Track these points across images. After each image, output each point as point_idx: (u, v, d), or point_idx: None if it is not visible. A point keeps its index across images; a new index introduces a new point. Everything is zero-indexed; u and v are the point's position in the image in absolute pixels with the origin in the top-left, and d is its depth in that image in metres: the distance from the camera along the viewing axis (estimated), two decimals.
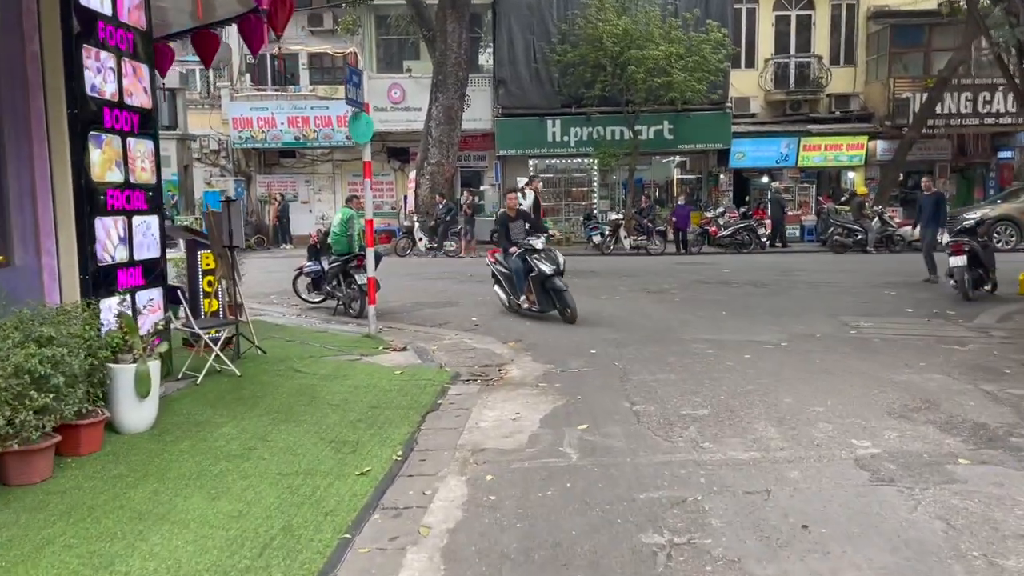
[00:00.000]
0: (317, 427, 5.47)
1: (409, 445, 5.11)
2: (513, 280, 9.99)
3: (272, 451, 4.97)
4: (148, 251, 6.03)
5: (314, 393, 6.37)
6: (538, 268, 9.49)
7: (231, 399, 6.18)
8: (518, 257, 9.77)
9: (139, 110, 5.94)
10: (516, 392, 6.43)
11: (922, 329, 8.96)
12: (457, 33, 20.79)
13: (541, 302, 9.70)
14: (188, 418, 5.67)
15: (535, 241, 9.75)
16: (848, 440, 4.84)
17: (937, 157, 24.65)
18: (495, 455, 4.88)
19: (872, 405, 5.64)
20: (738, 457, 4.61)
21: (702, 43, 21.13)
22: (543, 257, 9.55)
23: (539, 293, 9.65)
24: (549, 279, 9.49)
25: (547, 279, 9.51)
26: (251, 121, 23.77)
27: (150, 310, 5.99)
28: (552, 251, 9.80)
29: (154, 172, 6.11)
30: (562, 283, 9.47)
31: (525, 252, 9.71)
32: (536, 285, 9.63)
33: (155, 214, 6.12)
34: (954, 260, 11.12)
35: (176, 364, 6.87)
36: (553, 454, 4.84)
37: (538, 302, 9.71)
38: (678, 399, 5.95)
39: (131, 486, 4.37)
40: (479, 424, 5.57)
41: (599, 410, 5.76)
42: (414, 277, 15.58)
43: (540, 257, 9.56)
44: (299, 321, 10.45)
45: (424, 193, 21.57)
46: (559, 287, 9.44)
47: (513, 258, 9.88)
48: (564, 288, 9.44)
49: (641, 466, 4.53)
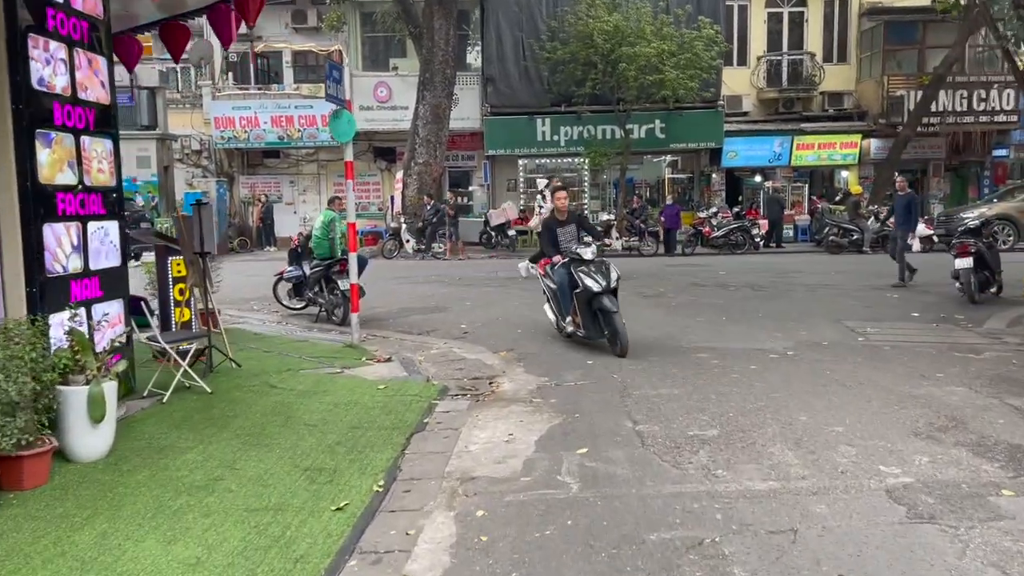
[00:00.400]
0: (291, 452, 4.99)
1: (392, 473, 4.65)
2: (557, 296, 8.34)
3: (240, 481, 4.49)
4: (107, 260, 5.53)
5: (290, 412, 5.89)
6: (582, 283, 7.73)
7: (199, 419, 5.68)
8: (562, 268, 8.09)
9: (95, 105, 5.44)
10: (509, 409, 5.97)
11: (932, 335, 8.56)
12: (444, 30, 20.33)
13: (587, 326, 7.90)
14: (150, 443, 5.17)
15: (583, 250, 7.95)
16: (875, 466, 4.41)
17: (931, 156, 24.37)
18: (487, 485, 4.42)
19: (895, 424, 5.22)
20: (756, 488, 4.16)
21: (694, 40, 20.75)
22: (592, 270, 7.79)
23: (585, 314, 7.87)
24: (596, 298, 7.68)
25: (594, 297, 7.70)
26: (233, 120, 23.21)
27: (109, 324, 5.49)
28: (605, 264, 7.94)
29: (113, 173, 5.61)
30: (612, 304, 7.65)
31: (571, 263, 8.02)
32: (582, 304, 7.86)
33: (114, 219, 5.61)
34: (960, 262, 10.75)
35: (143, 379, 6.37)
36: (551, 484, 4.38)
37: (584, 326, 7.94)
38: (684, 417, 5.51)
39: (77, 527, 3.88)
40: (469, 447, 5.11)
41: (599, 430, 5.30)
42: (401, 281, 15.10)
43: (588, 270, 7.80)
44: (279, 329, 9.96)
45: (411, 194, 21.09)
46: (607, 308, 7.63)
47: (557, 269, 8.18)
48: (614, 310, 7.62)
49: (649, 499, 4.08)
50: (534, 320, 10.01)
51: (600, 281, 7.66)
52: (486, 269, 17.26)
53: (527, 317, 10.30)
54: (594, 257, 7.91)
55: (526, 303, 11.60)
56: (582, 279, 7.74)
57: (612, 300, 7.66)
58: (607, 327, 7.69)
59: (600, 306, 7.68)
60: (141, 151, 21.37)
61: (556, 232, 8.39)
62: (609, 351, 7.69)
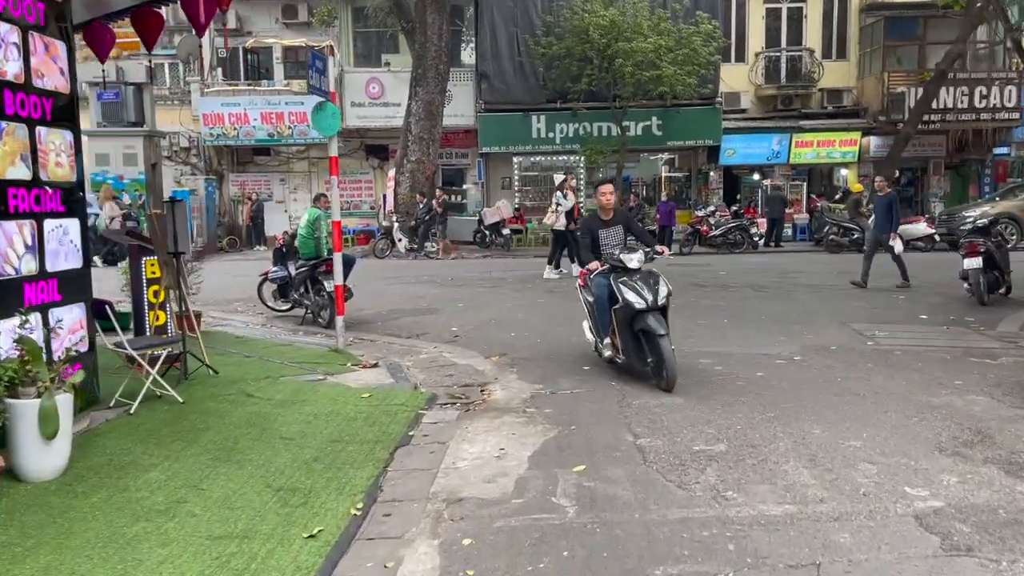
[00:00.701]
0: (264, 469, 4.60)
1: (372, 494, 4.26)
2: (595, 311, 6.90)
3: (205, 504, 4.09)
4: (66, 261, 5.12)
5: (266, 424, 5.49)
6: (623, 298, 6.30)
7: (167, 433, 5.28)
8: (601, 278, 6.65)
9: (53, 95, 5.04)
10: (500, 420, 5.59)
11: (943, 339, 8.20)
12: (437, 25, 19.92)
13: (628, 350, 6.48)
14: (111, 459, 4.77)
15: (627, 257, 6.51)
16: (900, 487, 4.03)
17: (931, 154, 24.03)
18: (475, 508, 4.04)
19: (916, 438, 4.84)
20: (770, 512, 3.78)
21: (692, 35, 20.36)
22: (636, 282, 6.34)
23: (625, 336, 6.45)
24: (639, 316, 6.25)
25: (637, 316, 6.27)
26: (222, 117, 22.73)
27: (68, 330, 5.08)
28: (654, 275, 6.49)
29: (73, 168, 5.20)
30: (659, 325, 6.17)
31: (611, 271, 6.61)
32: (621, 323, 6.43)
33: (75, 217, 5.20)
34: (969, 262, 10.38)
35: (112, 388, 5.97)
36: (545, 507, 4.00)
37: (624, 350, 6.52)
38: (688, 430, 5.12)
39: (18, 559, 3.48)
40: (456, 464, 4.72)
41: (597, 445, 4.92)
42: (392, 281, 14.70)
43: (631, 282, 6.35)
44: (263, 332, 9.55)
45: (404, 192, 20.67)
46: (652, 330, 6.15)
47: (595, 279, 6.74)
48: (661, 332, 6.12)
49: (653, 525, 3.70)
50: (528, 323, 9.65)
51: (645, 296, 6.21)
52: (479, 269, 16.87)
53: (521, 320, 9.93)
54: (640, 266, 6.48)
55: (520, 305, 11.23)
56: (623, 292, 6.30)
57: (659, 320, 6.19)
58: (652, 353, 6.24)
59: (644, 327, 6.22)
60: (128, 148, 20.80)
61: (598, 234, 6.95)
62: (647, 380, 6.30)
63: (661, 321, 6.21)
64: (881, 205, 12.66)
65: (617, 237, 6.97)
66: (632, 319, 6.33)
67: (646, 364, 6.33)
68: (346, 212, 23.42)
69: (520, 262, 18.44)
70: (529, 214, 23.28)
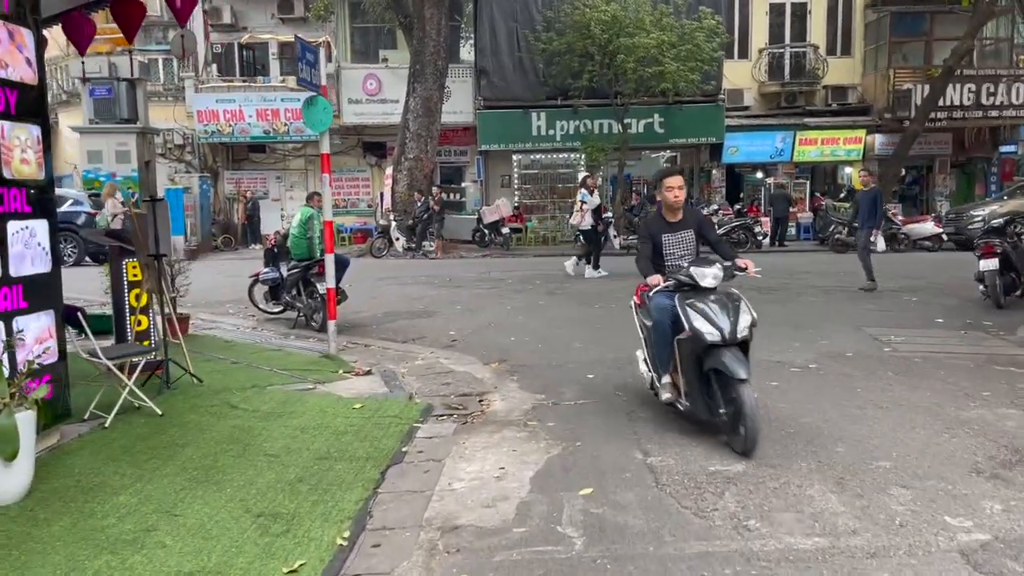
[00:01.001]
0: (245, 491, 4.24)
1: (360, 520, 3.90)
2: (653, 341, 5.39)
3: (177, 533, 3.74)
4: (33, 265, 4.76)
5: (250, 439, 5.13)
6: (691, 326, 4.81)
7: (142, 449, 4.93)
8: (664, 297, 5.14)
9: (18, 86, 4.67)
10: (500, 435, 5.23)
11: (963, 344, 7.85)
12: (436, 19, 19.55)
13: (693, 393, 4.96)
14: (79, 480, 4.41)
15: (701, 272, 5.01)
16: (939, 516, 3.67)
17: (937, 151, 23.70)
18: (473, 538, 3.68)
19: (950, 457, 4.48)
20: (799, 546, 3.42)
21: (695, 31, 19.99)
22: (709, 305, 4.83)
23: (691, 375, 4.95)
24: (712, 352, 4.75)
25: (708, 352, 4.77)
26: (217, 114, 22.36)
27: (37, 340, 4.72)
28: (733, 298, 4.94)
29: (41, 165, 4.83)
30: (739, 365, 4.61)
31: (677, 291, 5.10)
32: (687, 359, 4.95)
33: (43, 218, 4.84)
34: (985, 263, 10.03)
35: (87, 398, 5.61)
36: (550, 537, 3.64)
37: (687, 393, 5.03)
38: (701, 447, 4.77)
39: None
40: (453, 485, 4.36)
41: (605, 464, 4.56)
42: (388, 281, 14.33)
43: (703, 305, 4.84)
44: (253, 336, 9.19)
45: (401, 190, 20.31)
46: (730, 371, 4.60)
47: (655, 297, 5.21)
48: (741, 377, 4.57)
49: (669, 561, 3.34)
50: (528, 326, 9.29)
51: (720, 325, 4.70)
52: (478, 269, 16.51)
53: (521, 323, 9.57)
54: (716, 284, 4.99)
55: (520, 307, 10.87)
56: (691, 319, 4.80)
57: (738, 359, 4.64)
58: (726, 402, 4.71)
59: (717, 366, 4.70)
60: (120, 145, 20.46)
61: (661, 240, 5.44)
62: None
63: (741, 360, 4.65)
64: (865, 200, 12.21)
65: (686, 245, 5.46)
66: (702, 355, 4.81)
67: (717, 415, 4.81)
68: (343, 210, 23.13)
69: (520, 262, 18.10)
70: (529, 213, 22.94)
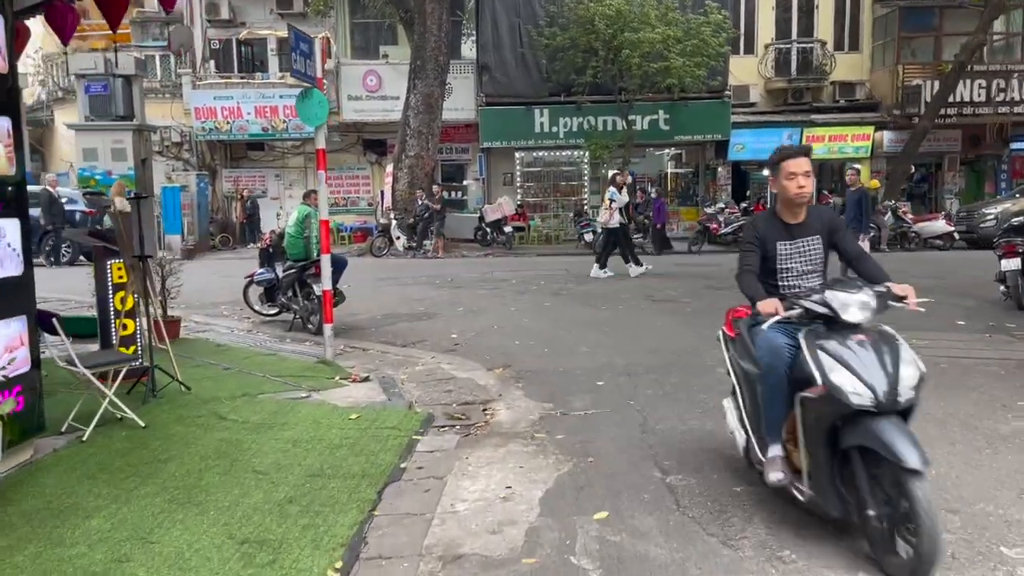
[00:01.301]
0: (229, 514, 3.90)
1: (355, 547, 3.56)
2: (756, 393, 3.77)
3: (152, 564, 3.39)
4: (3, 267, 4.41)
5: (237, 454, 4.79)
6: (823, 378, 3.23)
7: (120, 466, 4.58)
8: (778, 332, 3.59)
9: None
10: (506, 449, 4.88)
11: (988, 349, 7.51)
12: (437, 14, 19.20)
13: (820, 481, 3.35)
14: (49, 502, 4.06)
15: (843, 299, 3.40)
16: (994, 547, 3.32)
17: (946, 149, 23.31)
18: (478, 569, 3.33)
19: (995, 477, 4.13)
20: None
21: (701, 26, 19.64)
22: (853, 348, 3.27)
23: (820, 451, 3.33)
24: (857, 421, 3.17)
25: (851, 419, 3.20)
26: (215, 111, 22.03)
27: (5, 348, 4.37)
28: (889, 338, 3.40)
29: (12, 161, 4.48)
30: (907, 446, 2.99)
31: (803, 325, 3.52)
32: (814, 427, 3.36)
33: (14, 217, 4.49)
34: (1006, 263, 9.68)
35: (66, 408, 5.27)
36: (562, 570, 3.29)
37: (814, 474, 3.38)
38: (723, 463, 4.42)
39: None
40: (455, 506, 4.02)
41: (620, 483, 4.21)
42: (388, 282, 13.99)
43: (842, 347, 3.28)
44: (247, 340, 8.84)
45: (402, 188, 19.96)
46: (898, 457, 2.97)
47: (765, 333, 3.60)
48: (911, 466, 2.94)
49: None
50: (533, 329, 8.93)
51: (872, 382, 3.14)
52: (480, 268, 16.16)
53: (525, 325, 9.23)
54: (864, 320, 3.39)
55: (523, 308, 10.52)
56: (824, 368, 3.25)
57: (903, 436, 3.05)
58: (881, 502, 3.14)
59: (867, 443, 3.13)
60: (116, 143, 20.08)
61: (775, 249, 3.83)
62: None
63: (908, 438, 3.04)
64: (850, 201, 11.80)
65: (811, 258, 3.83)
66: (840, 423, 3.25)
67: (861, 515, 3.22)
68: (343, 209, 22.79)
69: (523, 261, 17.75)
70: (531, 211, 22.58)
